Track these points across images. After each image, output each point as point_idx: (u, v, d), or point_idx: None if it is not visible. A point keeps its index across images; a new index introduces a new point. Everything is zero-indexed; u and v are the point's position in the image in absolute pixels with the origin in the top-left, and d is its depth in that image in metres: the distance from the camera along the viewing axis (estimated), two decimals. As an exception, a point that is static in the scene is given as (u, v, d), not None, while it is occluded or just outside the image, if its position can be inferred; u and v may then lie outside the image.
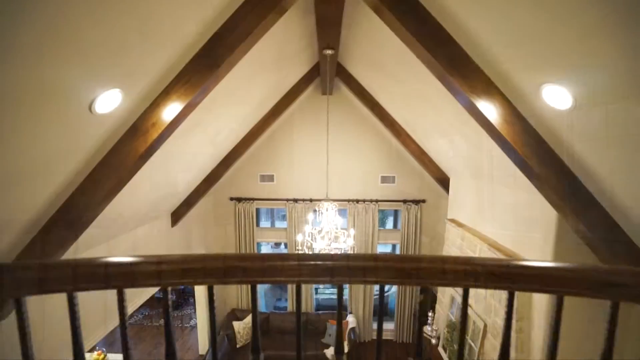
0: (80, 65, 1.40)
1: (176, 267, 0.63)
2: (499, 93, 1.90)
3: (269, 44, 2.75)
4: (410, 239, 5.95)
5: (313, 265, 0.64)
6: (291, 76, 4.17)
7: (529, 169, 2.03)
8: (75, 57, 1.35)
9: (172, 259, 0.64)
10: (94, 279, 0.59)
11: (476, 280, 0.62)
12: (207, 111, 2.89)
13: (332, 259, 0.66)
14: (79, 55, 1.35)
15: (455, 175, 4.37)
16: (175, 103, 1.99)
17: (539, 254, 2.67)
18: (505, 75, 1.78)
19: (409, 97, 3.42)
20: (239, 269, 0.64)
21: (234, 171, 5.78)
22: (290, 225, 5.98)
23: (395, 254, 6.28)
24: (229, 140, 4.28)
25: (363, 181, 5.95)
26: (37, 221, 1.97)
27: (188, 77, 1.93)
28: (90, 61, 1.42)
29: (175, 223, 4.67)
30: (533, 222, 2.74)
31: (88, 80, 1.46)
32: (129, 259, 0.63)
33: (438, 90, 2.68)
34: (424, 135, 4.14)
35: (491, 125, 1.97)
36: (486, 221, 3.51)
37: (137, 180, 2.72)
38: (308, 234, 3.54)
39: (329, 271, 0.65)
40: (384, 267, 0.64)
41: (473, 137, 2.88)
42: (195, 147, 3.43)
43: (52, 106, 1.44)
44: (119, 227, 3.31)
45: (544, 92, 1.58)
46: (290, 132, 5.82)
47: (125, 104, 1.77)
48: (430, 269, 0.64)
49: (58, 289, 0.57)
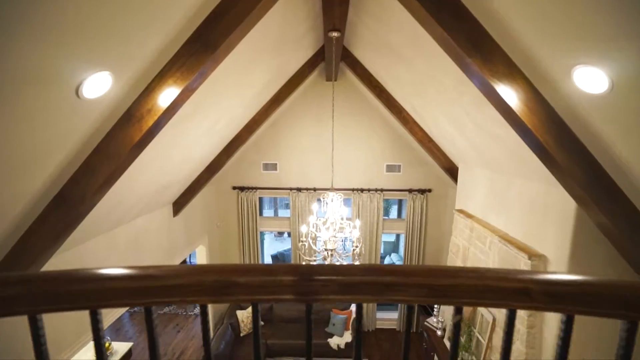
0: (64, 46, 1.27)
1: (162, 284, 0.52)
2: (522, 77, 1.74)
3: (270, 25, 2.59)
4: (416, 228, 5.86)
5: (325, 281, 0.53)
6: (294, 61, 3.99)
7: (551, 159, 1.89)
8: (59, 37, 1.22)
9: (158, 272, 0.53)
10: (56, 299, 0.48)
11: (532, 300, 0.50)
12: (206, 97, 2.75)
13: (349, 272, 0.54)
14: (62, 35, 1.22)
15: (465, 164, 4.23)
16: (172, 88, 1.86)
17: (553, 247, 2.56)
18: (531, 56, 1.62)
19: (420, 82, 3.24)
20: (238, 285, 0.53)
21: (236, 160, 5.67)
22: (294, 214, 5.89)
23: (424, 265, 6.21)
24: (231, 128, 4.15)
25: (368, 170, 5.83)
26: (29, 213, 1.88)
27: (184, 60, 1.79)
28: (75, 41, 1.28)
29: (177, 213, 4.59)
30: (548, 214, 2.62)
31: (73, 61, 1.33)
32: (104, 272, 0.52)
33: (452, 74, 2.52)
34: (433, 123, 3.98)
35: (511, 111, 1.82)
36: (497, 212, 3.39)
37: (135, 169, 2.62)
38: (312, 225, 3.45)
39: (345, 288, 0.54)
40: (413, 284, 0.52)
41: (487, 125, 2.72)
42: (195, 134, 3.30)
43: (34, 91, 1.31)
44: (118, 217, 3.23)
45: (575, 74, 1.42)
46: (294, 119, 5.66)
47: (116, 89, 1.65)
48: (470, 286, 0.52)
49: (10, 311, 0.46)
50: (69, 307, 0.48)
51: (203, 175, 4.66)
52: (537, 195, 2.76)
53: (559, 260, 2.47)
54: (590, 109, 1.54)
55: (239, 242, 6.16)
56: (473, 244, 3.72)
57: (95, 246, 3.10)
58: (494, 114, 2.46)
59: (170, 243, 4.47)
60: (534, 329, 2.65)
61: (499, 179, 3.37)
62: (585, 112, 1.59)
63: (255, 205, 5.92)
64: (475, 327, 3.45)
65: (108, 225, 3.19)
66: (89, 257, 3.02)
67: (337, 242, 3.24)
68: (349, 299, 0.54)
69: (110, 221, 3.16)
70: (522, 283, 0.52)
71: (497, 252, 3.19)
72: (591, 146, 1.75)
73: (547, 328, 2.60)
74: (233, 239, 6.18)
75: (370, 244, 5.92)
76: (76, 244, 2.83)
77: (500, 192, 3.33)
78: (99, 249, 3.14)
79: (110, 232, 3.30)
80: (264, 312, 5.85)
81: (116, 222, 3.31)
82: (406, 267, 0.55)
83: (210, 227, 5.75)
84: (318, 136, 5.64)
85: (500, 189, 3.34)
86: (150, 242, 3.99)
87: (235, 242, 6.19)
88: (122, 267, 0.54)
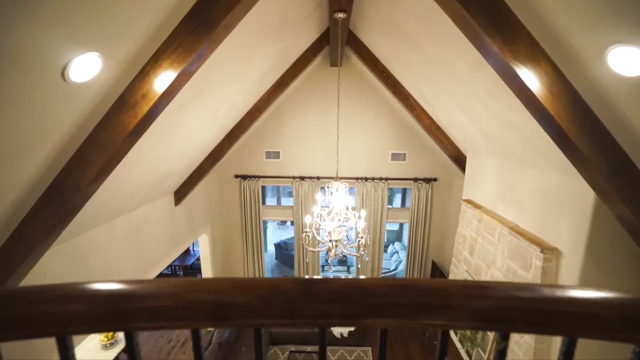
0: (45, 23, 1.14)
1: (142, 305, 0.42)
2: (546, 58, 1.60)
3: (272, 6, 2.43)
4: (420, 218, 5.78)
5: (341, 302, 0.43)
6: (297, 45, 3.82)
7: (573, 148, 1.76)
8: (40, 12, 1.09)
9: (139, 290, 0.43)
10: (5, 324, 0.38)
11: (604, 328, 0.40)
12: (206, 83, 2.62)
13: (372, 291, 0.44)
14: (44, 11, 1.10)
15: (474, 153, 4.09)
16: (168, 71, 1.73)
17: (568, 241, 2.45)
18: (558, 34, 1.48)
19: (430, 67, 3.08)
20: (237, 307, 0.43)
21: (238, 148, 5.56)
22: (297, 203, 5.81)
23: (468, 280, 6.13)
24: (232, 115, 4.02)
25: (372, 158, 5.70)
26: (20, 207, 1.79)
27: (180, 40, 1.66)
28: (57, 18, 1.16)
29: (178, 202, 4.52)
30: (563, 206, 2.51)
31: (56, 40, 1.21)
32: (68, 289, 0.42)
33: (466, 58, 2.37)
34: (442, 110, 3.83)
35: (532, 97, 1.69)
36: (507, 203, 3.28)
37: (134, 158, 2.52)
38: (317, 215, 3.36)
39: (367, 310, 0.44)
40: (459, 306, 0.42)
41: (501, 112, 2.58)
42: (195, 121, 3.18)
43: (15, 73, 1.20)
44: (118, 208, 3.15)
45: (610, 55, 1.29)
46: (297, 106, 5.51)
47: (107, 72, 1.53)
48: (526, 310, 0.42)
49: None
50: (23, 334, 0.39)
51: (204, 163, 4.56)
52: (551, 186, 2.64)
53: (574, 254, 2.38)
54: (624, 94, 1.40)
55: (241, 231, 6.11)
56: (481, 235, 3.62)
57: (95, 237, 3.04)
58: (508, 100, 2.33)
59: (172, 233, 4.41)
60: (544, 323, 2.58)
61: (510, 168, 3.24)
62: (617, 97, 1.45)
63: (258, 194, 5.84)
64: (481, 319, 3.39)
65: (108, 216, 3.12)
66: (89, 248, 2.96)
67: (341, 233, 3.16)
68: (372, 324, 0.44)
69: (110, 211, 3.09)
70: (589, 307, 0.41)
71: (506, 244, 3.10)
72: (620, 136, 1.62)
73: (558, 322, 2.53)
74: (236, 228, 6.13)
75: (375, 234, 5.85)
76: (75, 235, 2.76)
77: (512, 182, 3.21)
78: (98, 239, 3.08)
79: (110, 223, 3.23)
80: (267, 301, 5.84)
81: (116, 213, 3.24)
82: (448, 283, 0.45)
83: (212, 216, 5.69)
84: (321, 124, 5.50)
85: (511, 179, 3.22)
86: (151, 232, 3.93)
87: (238, 231, 6.14)
88: (93, 283, 0.44)
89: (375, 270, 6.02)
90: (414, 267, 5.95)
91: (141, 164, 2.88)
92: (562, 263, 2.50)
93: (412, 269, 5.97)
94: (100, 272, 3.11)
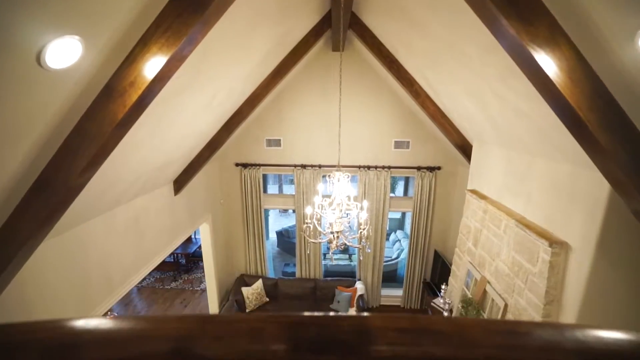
0: (15, 3, 1.03)
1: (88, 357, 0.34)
2: (567, 42, 1.47)
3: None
4: (423, 207, 5.69)
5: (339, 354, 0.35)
6: (298, 28, 3.65)
7: (591, 139, 1.65)
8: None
9: (95, 333, 0.35)
10: None
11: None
12: (200, 69, 2.50)
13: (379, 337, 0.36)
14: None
15: (481, 142, 3.96)
16: (157, 56, 1.62)
17: (578, 235, 2.36)
18: (582, 14, 1.34)
19: (437, 51, 2.92)
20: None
21: (238, 136, 5.44)
22: (299, 192, 5.74)
23: (533, 321, 6.06)
24: (230, 102, 3.89)
25: (375, 146, 5.58)
26: (7, 201, 1.72)
27: (169, 22, 1.54)
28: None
29: (178, 191, 4.45)
30: (574, 199, 2.40)
31: (29, 21, 1.09)
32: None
33: (477, 42, 2.22)
34: (449, 97, 3.68)
35: (550, 84, 1.56)
36: (515, 194, 3.18)
37: (129, 147, 2.44)
38: (318, 206, 3.28)
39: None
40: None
41: (511, 99, 2.45)
42: (191, 109, 3.07)
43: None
44: (115, 198, 3.08)
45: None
46: (298, 93, 5.36)
47: (90, 57, 1.41)
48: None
49: None
50: None
51: (204, 152, 4.46)
52: (562, 178, 2.53)
53: (584, 249, 2.29)
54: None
55: (243, 220, 6.07)
56: (486, 226, 3.54)
57: (94, 227, 2.98)
58: (520, 87, 2.19)
59: (173, 222, 4.37)
60: (549, 318, 2.52)
61: (519, 158, 3.12)
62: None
63: (258, 182, 5.76)
64: (484, 311, 3.35)
65: (106, 206, 3.06)
66: (87, 239, 2.91)
67: (343, 224, 3.09)
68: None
69: (108, 201, 3.02)
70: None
71: (512, 236, 3.01)
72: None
73: (564, 317, 2.47)
74: (237, 217, 6.09)
75: (377, 223, 5.79)
76: (72, 227, 2.71)
77: (520, 173, 3.10)
78: (97, 230, 3.03)
79: (108, 213, 3.17)
80: (268, 289, 5.86)
81: (114, 203, 3.17)
82: (512, 326, 0.35)
83: (213, 205, 5.63)
84: (323, 111, 5.36)
85: (519, 170, 3.11)
86: (151, 222, 3.88)
87: (239, 219, 6.10)
88: (37, 322, 0.36)
89: (377, 259, 5.99)
90: (416, 256, 5.91)
91: (137, 153, 2.79)
92: (571, 257, 2.42)
93: (415, 258, 5.94)
94: (99, 264, 3.07)
